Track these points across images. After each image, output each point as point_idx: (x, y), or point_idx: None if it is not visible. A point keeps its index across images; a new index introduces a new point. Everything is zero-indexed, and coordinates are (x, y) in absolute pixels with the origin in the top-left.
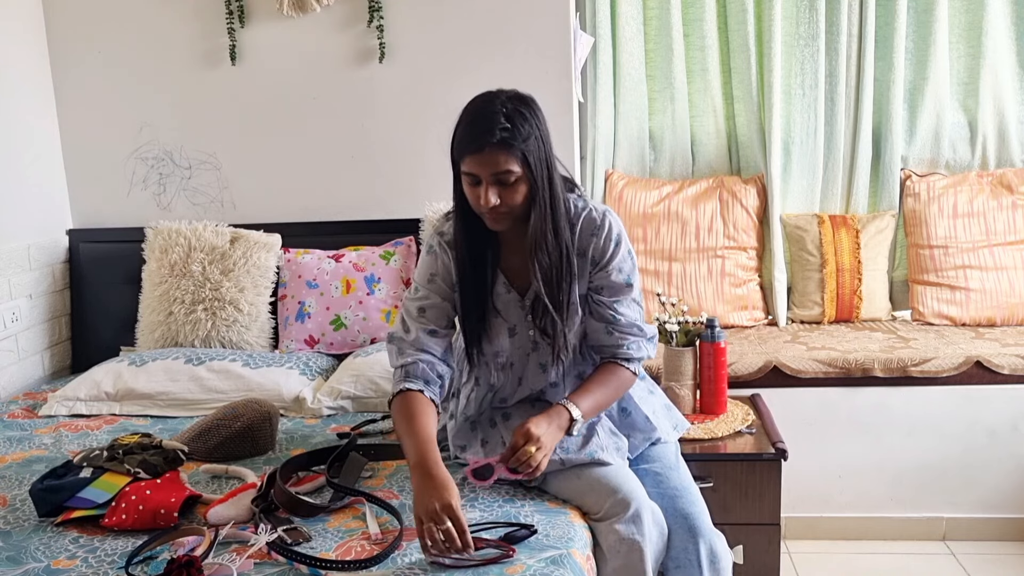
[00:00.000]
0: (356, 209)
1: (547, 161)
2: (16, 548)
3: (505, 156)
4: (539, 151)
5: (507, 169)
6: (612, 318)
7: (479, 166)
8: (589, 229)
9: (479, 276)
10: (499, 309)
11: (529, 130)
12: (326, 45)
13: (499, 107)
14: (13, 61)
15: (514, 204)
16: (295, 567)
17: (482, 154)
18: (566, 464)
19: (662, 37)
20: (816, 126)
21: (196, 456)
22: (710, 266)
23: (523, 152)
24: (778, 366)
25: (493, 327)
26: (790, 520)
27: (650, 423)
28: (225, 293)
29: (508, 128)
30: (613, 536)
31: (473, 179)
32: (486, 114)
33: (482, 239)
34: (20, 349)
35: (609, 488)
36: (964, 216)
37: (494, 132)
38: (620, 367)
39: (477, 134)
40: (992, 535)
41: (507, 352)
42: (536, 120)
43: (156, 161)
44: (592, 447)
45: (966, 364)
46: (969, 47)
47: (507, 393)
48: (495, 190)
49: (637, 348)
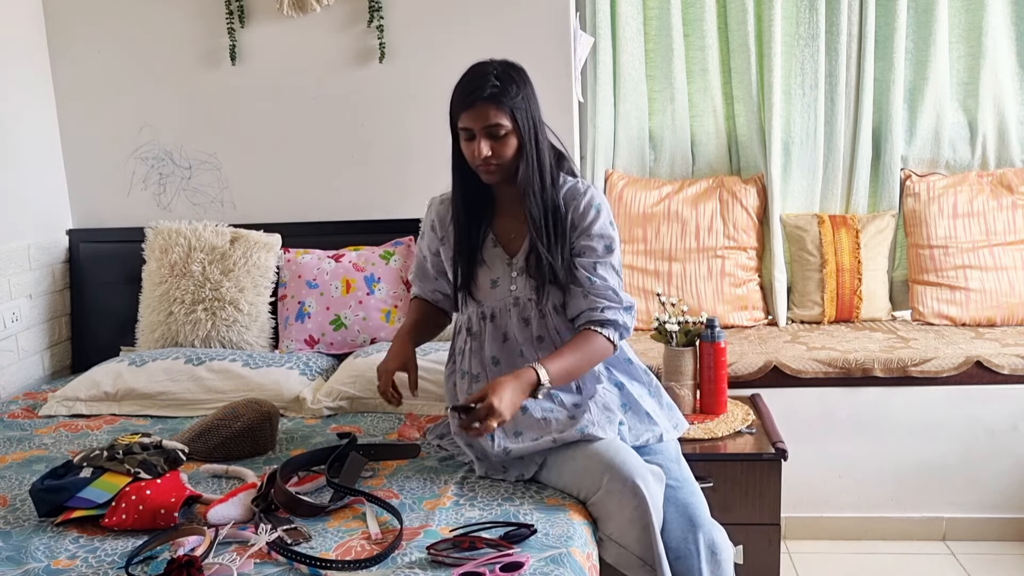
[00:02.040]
0: (356, 209)
1: (535, 122)
2: (16, 548)
3: (495, 110)
4: (527, 111)
5: (497, 122)
6: (588, 280)
7: (472, 120)
8: (572, 195)
9: (473, 227)
10: (485, 260)
11: (517, 90)
12: (326, 45)
13: (490, 70)
14: (13, 61)
15: (504, 157)
16: (295, 567)
17: (474, 108)
18: (558, 442)
19: (662, 37)
20: (816, 126)
21: (196, 456)
22: (710, 266)
23: (511, 109)
24: (778, 366)
25: (478, 276)
26: (790, 520)
27: (651, 419)
28: (225, 293)
29: (497, 86)
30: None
31: (468, 134)
32: (478, 75)
33: (478, 197)
34: (20, 349)
35: (603, 464)
36: (964, 216)
37: (485, 88)
38: (595, 333)
39: (470, 91)
40: (992, 535)
41: (489, 303)
42: (524, 84)
43: (156, 161)
44: (583, 422)
45: (966, 364)
46: (969, 47)
47: (495, 350)
48: (487, 143)
49: (613, 313)
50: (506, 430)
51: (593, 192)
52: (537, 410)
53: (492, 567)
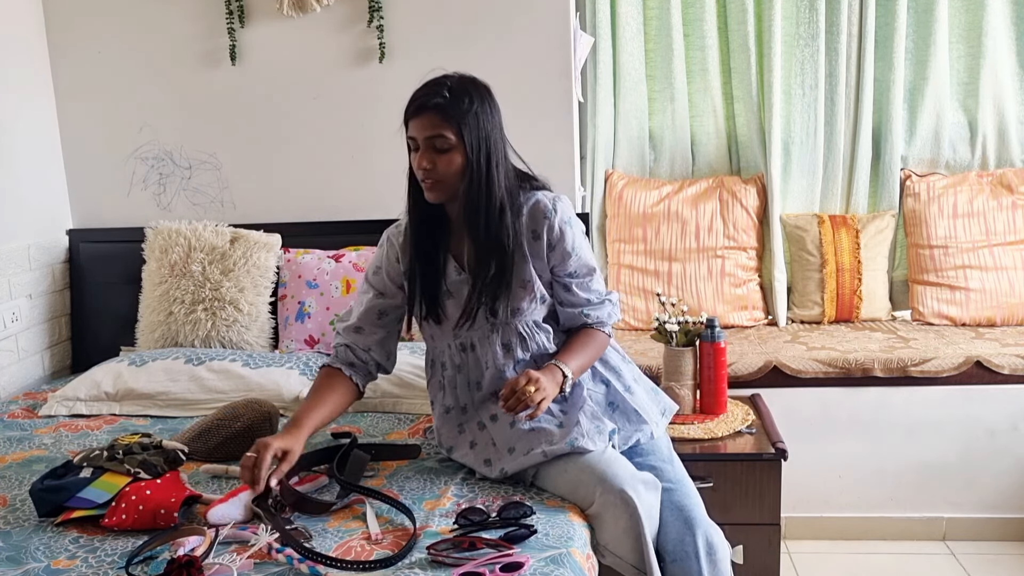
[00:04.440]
0: (356, 209)
1: (488, 141)
2: (16, 548)
3: (440, 121)
4: (479, 130)
5: (440, 134)
6: (585, 301)
7: (416, 129)
8: (542, 212)
9: (431, 256)
10: (450, 290)
11: (471, 107)
12: (326, 45)
13: (445, 81)
14: (13, 61)
15: (446, 172)
16: (295, 567)
17: (419, 117)
18: (548, 455)
19: (662, 37)
20: (816, 126)
21: (196, 456)
22: (710, 266)
23: (459, 123)
24: (778, 366)
25: (447, 308)
26: (790, 520)
27: (639, 416)
28: (225, 293)
29: (446, 97)
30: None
31: (413, 143)
32: (431, 84)
33: (433, 220)
34: (20, 349)
35: (595, 477)
36: (964, 216)
37: (432, 98)
38: (595, 331)
39: (417, 98)
40: (992, 535)
41: (466, 334)
42: (483, 102)
43: (156, 161)
44: (573, 435)
45: (966, 364)
46: (969, 47)
47: (477, 376)
48: (428, 155)
49: (608, 315)
50: (499, 446)
51: (562, 206)
52: (526, 423)
53: (492, 567)
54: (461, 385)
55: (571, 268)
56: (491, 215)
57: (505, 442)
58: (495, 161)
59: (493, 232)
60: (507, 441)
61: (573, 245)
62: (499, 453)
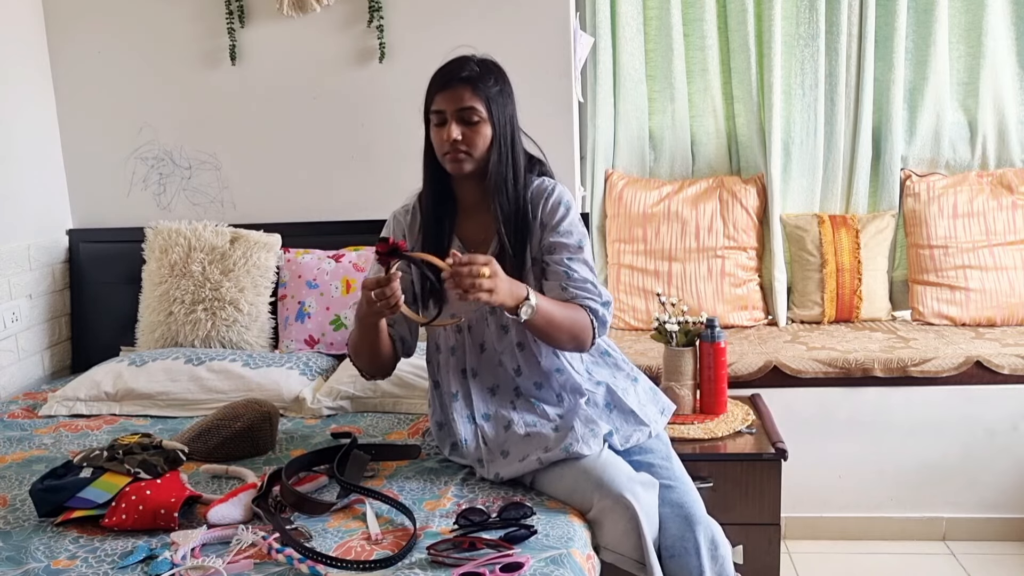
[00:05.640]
0: (356, 209)
1: (511, 120)
2: (16, 548)
3: (470, 93)
4: (503, 106)
5: (471, 106)
6: (566, 274)
7: (446, 101)
8: (539, 193)
9: (439, 229)
10: None
11: (496, 83)
12: (326, 45)
13: (471, 58)
14: (13, 61)
15: (475, 145)
16: (295, 567)
17: (449, 89)
18: (543, 463)
19: (662, 37)
20: (816, 126)
21: (196, 456)
22: (710, 266)
23: (487, 97)
24: (778, 366)
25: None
26: (790, 520)
27: (637, 417)
28: (225, 293)
29: (476, 71)
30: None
31: (439, 118)
32: (458, 61)
33: (443, 199)
34: (20, 349)
35: (592, 482)
36: (964, 216)
37: (463, 70)
38: (581, 308)
39: (446, 73)
40: (992, 535)
41: (460, 312)
42: (505, 82)
43: (156, 161)
44: (568, 440)
45: (966, 364)
46: (969, 47)
47: (473, 361)
48: (459, 127)
49: (592, 303)
50: (492, 450)
51: (560, 190)
52: (521, 427)
53: (492, 567)
54: (455, 369)
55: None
56: (516, 188)
57: (498, 444)
58: (517, 138)
59: (519, 204)
60: (500, 444)
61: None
62: (492, 455)
